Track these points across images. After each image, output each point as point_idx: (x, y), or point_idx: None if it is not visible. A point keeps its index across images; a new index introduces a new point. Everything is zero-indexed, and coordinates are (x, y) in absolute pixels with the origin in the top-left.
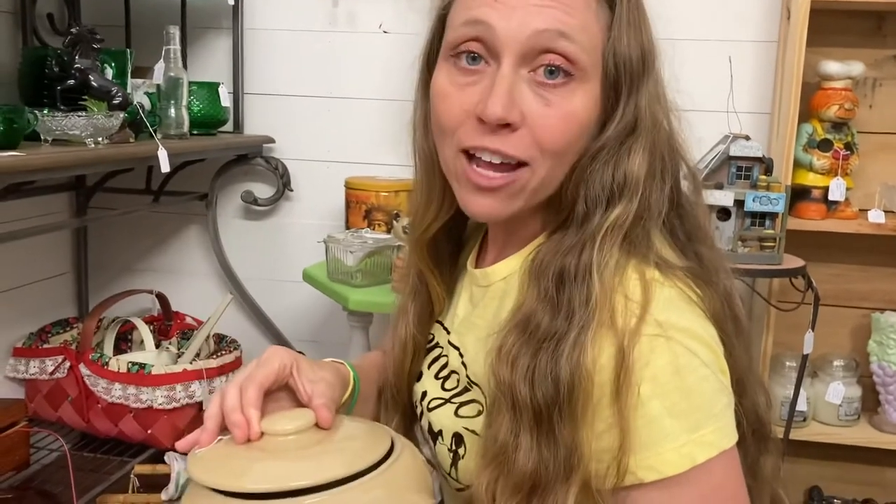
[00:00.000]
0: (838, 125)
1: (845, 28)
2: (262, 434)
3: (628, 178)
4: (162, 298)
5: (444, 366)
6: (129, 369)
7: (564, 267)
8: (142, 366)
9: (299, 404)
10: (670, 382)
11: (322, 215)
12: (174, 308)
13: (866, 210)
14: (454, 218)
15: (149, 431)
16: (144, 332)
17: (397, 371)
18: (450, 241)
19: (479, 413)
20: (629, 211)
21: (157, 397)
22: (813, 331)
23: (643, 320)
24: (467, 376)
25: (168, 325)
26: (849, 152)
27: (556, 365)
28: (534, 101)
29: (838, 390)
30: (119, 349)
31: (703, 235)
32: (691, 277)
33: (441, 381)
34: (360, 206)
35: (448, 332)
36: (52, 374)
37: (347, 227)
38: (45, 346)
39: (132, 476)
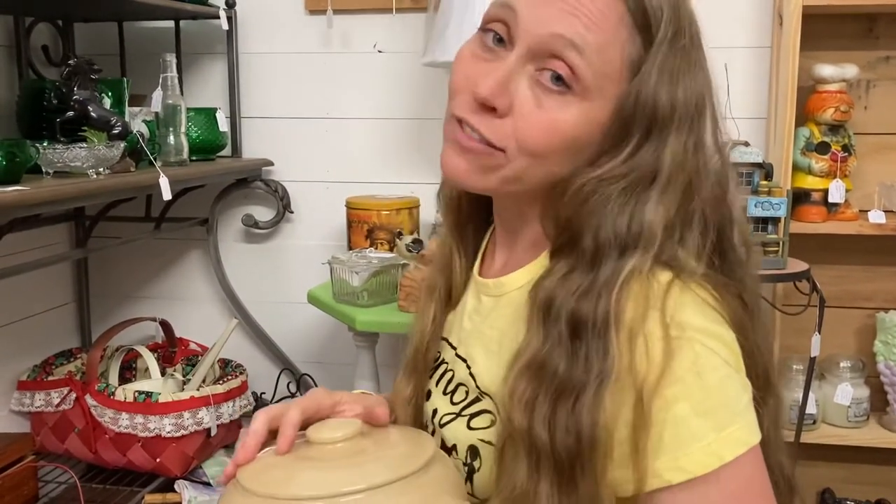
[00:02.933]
0: (835, 127)
1: (837, 31)
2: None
3: (645, 230)
4: (165, 325)
5: (451, 380)
6: (135, 398)
7: (580, 315)
8: (148, 394)
9: None
10: (694, 383)
11: (323, 236)
12: (178, 334)
13: (866, 211)
14: (482, 209)
15: (157, 460)
16: (149, 360)
17: (417, 379)
18: (476, 234)
19: (493, 423)
20: (645, 261)
21: (165, 425)
22: (819, 333)
23: (660, 322)
24: (477, 387)
25: (172, 352)
26: (846, 154)
27: (577, 420)
28: (528, 96)
29: (846, 391)
30: (124, 378)
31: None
32: (710, 283)
33: (449, 395)
34: (361, 226)
35: (454, 347)
36: (57, 406)
37: (350, 248)
38: (50, 378)
39: None
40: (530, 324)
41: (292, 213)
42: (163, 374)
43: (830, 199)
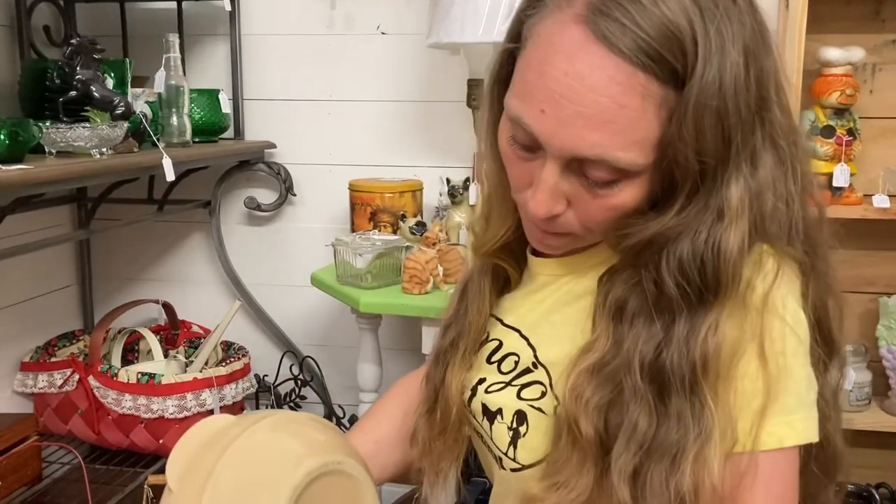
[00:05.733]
0: (840, 111)
1: (844, 14)
2: None
3: (723, 269)
4: (168, 308)
5: (496, 349)
6: (138, 380)
7: (661, 371)
8: (151, 376)
9: None
10: (776, 361)
11: (326, 219)
12: (180, 317)
13: (871, 195)
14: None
15: (160, 441)
16: (152, 341)
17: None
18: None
19: (543, 394)
20: (722, 306)
21: (168, 407)
22: None
23: (775, 318)
24: (535, 356)
25: (175, 334)
26: (851, 138)
27: (677, 484)
28: (581, 190)
29: (849, 375)
30: (126, 360)
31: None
32: (799, 265)
33: (495, 364)
34: (365, 209)
35: (500, 319)
36: (60, 387)
37: (353, 230)
38: (53, 359)
39: (146, 487)
40: (598, 320)
41: (295, 195)
42: (165, 356)
43: (835, 184)
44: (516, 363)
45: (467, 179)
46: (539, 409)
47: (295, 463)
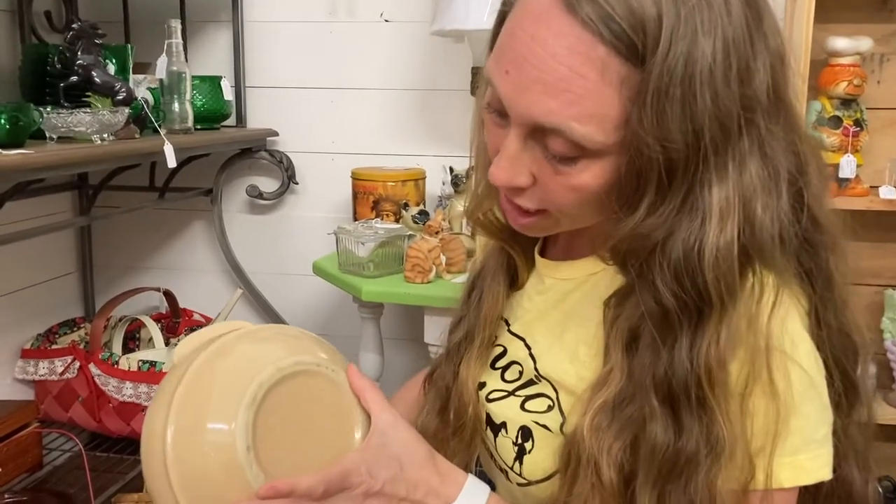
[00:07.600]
0: (847, 102)
1: (852, 4)
2: None
3: (710, 274)
4: (169, 296)
5: (501, 356)
6: (139, 367)
7: (670, 386)
8: (152, 363)
9: None
10: (780, 399)
11: (328, 207)
12: (182, 305)
13: (877, 186)
14: None
15: None
16: (153, 329)
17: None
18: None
19: (550, 408)
20: (720, 319)
21: None
22: None
23: (772, 351)
24: (535, 369)
25: (176, 322)
26: (858, 129)
27: (690, 500)
28: (544, 165)
29: None
30: (127, 348)
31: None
32: (806, 294)
33: (500, 371)
34: (367, 197)
35: (508, 324)
36: (61, 374)
37: (355, 219)
38: (54, 346)
39: None
40: (610, 348)
41: (297, 184)
42: (166, 344)
43: (841, 175)
44: (520, 373)
45: (470, 168)
46: (545, 427)
47: (272, 361)
